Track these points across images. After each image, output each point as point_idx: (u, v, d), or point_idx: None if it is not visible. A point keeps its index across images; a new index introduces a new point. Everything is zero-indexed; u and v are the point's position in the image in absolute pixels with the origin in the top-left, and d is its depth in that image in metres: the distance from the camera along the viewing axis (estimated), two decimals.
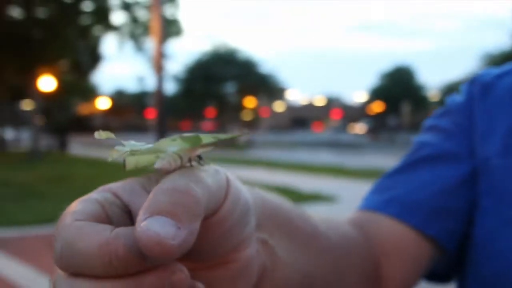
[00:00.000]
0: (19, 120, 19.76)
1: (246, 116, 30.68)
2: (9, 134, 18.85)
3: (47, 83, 14.51)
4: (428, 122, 0.53)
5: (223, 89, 28.21)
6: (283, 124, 54.35)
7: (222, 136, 0.26)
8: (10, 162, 11.92)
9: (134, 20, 16.21)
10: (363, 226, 0.46)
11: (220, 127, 28.08)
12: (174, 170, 0.24)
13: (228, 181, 0.26)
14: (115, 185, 0.25)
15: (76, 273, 0.21)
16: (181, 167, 0.25)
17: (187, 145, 0.26)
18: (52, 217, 4.51)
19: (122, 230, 0.21)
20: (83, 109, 33.79)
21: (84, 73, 19.65)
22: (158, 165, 0.24)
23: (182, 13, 63.64)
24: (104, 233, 0.21)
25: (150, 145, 0.25)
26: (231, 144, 24.95)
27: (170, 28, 17.00)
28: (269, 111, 45.64)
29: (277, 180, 8.67)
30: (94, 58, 18.59)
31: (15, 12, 14.18)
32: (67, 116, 20.60)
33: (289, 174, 10.12)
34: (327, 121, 47.69)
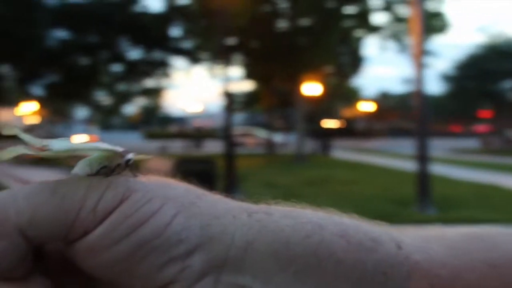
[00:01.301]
0: (287, 125, 21.79)
1: None
2: (277, 138, 20.88)
3: (311, 88, 15.54)
4: None
5: (500, 86, 25.51)
6: None
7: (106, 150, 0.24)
8: (277, 165, 13.16)
9: (396, 19, 16.02)
10: None
11: (497, 129, 25.41)
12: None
13: (121, 202, 0.23)
14: None
15: None
16: (90, 174, 0.24)
17: (103, 153, 0.25)
18: None
19: None
20: (346, 113, 35.12)
21: (346, 77, 20.36)
22: (73, 171, 0.25)
23: (449, 5, 59.97)
24: None
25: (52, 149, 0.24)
26: (509, 149, 22.29)
27: (434, 23, 16.22)
28: None
29: None
30: (356, 61, 19.06)
31: (281, 24, 15.61)
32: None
33: None
34: None
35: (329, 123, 21.13)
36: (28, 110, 23.51)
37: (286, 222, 0.25)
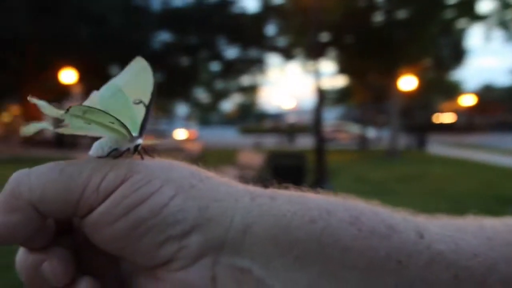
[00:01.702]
0: (382, 119, 21.26)
1: None
2: (371, 133, 20.43)
3: (407, 82, 15.04)
4: None
5: None
6: None
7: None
8: (369, 160, 12.92)
9: (504, 6, 15.00)
10: None
11: None
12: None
13: (121, 182, 0.24)
14: None
15: None
16: (101, 156, 0.27)
17: (113, 137, 0.26)
18: None
19: None
20: (445, 107, 33.47)
21: (446, 70, 19.44)
22: (90, 152, 0.27)
23: None
24: None
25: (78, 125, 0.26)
26: None
27: None
28: None
29: None
30: (457, 53, 18.14)
31: (377, 17, 15.25)
32: (426, 115, 20.87)
33: None
34: None
35: (428, 118, 20.34)
36: None
37: (289, 207, 0.25)
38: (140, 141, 0.27)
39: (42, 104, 0.26)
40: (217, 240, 0.24)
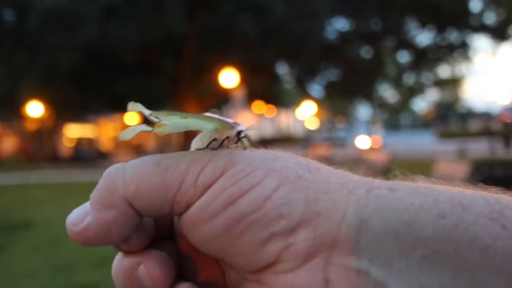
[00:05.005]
0: None
1: None
2: None
3: None
4: None
5: None
6: None
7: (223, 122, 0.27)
8: None
9: None
10: None
11: None
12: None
13: (221, 175, 0.26)
14: None
15: None
16: (199, 148, 0.29)
17: (215, 126, 0.28)
18: None
19: None
20: None
21: None
22: (193, 145, 0.29)
23: None
24: None
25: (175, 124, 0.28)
26: None
27: None
28: None
29: None
30: None
31: None
32: None
33: None
34: None
35: None
36: (307, 112, 25.84)
37: (413, 199, 0.25)
38: (241, 127, 0.28)
39: (138, 107, 0.28)
40: (328, 237, 0.25)
